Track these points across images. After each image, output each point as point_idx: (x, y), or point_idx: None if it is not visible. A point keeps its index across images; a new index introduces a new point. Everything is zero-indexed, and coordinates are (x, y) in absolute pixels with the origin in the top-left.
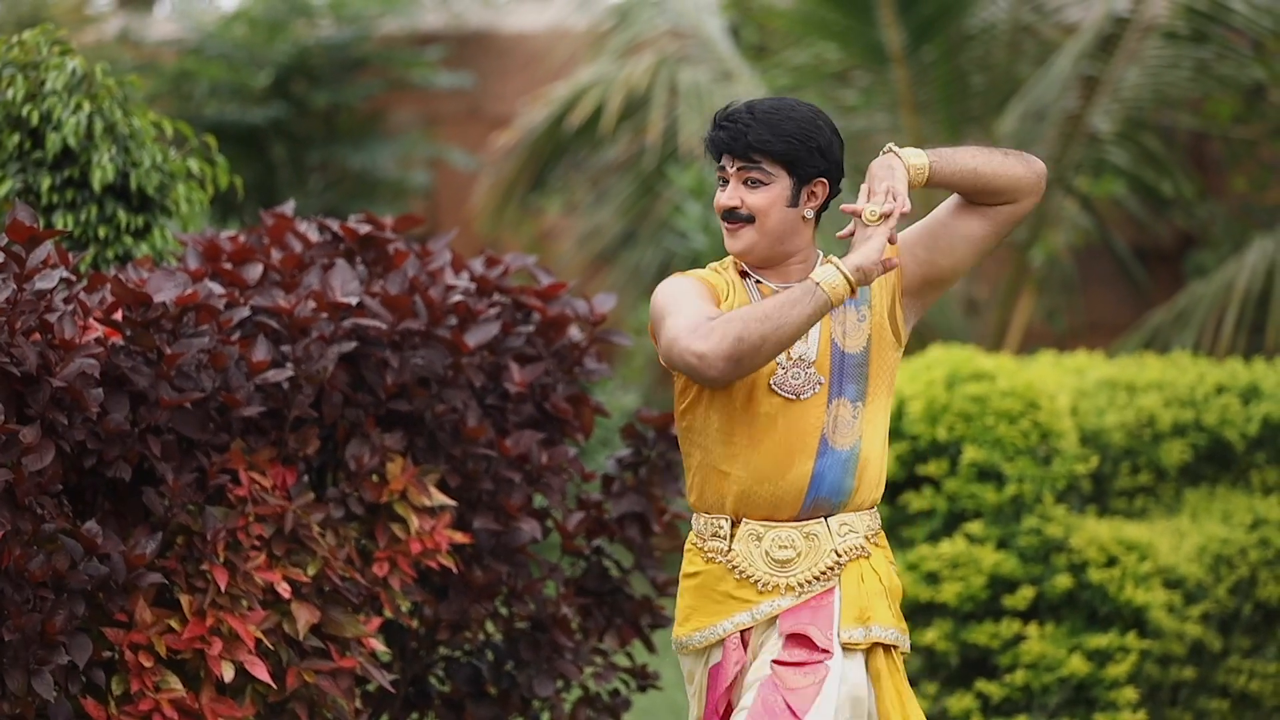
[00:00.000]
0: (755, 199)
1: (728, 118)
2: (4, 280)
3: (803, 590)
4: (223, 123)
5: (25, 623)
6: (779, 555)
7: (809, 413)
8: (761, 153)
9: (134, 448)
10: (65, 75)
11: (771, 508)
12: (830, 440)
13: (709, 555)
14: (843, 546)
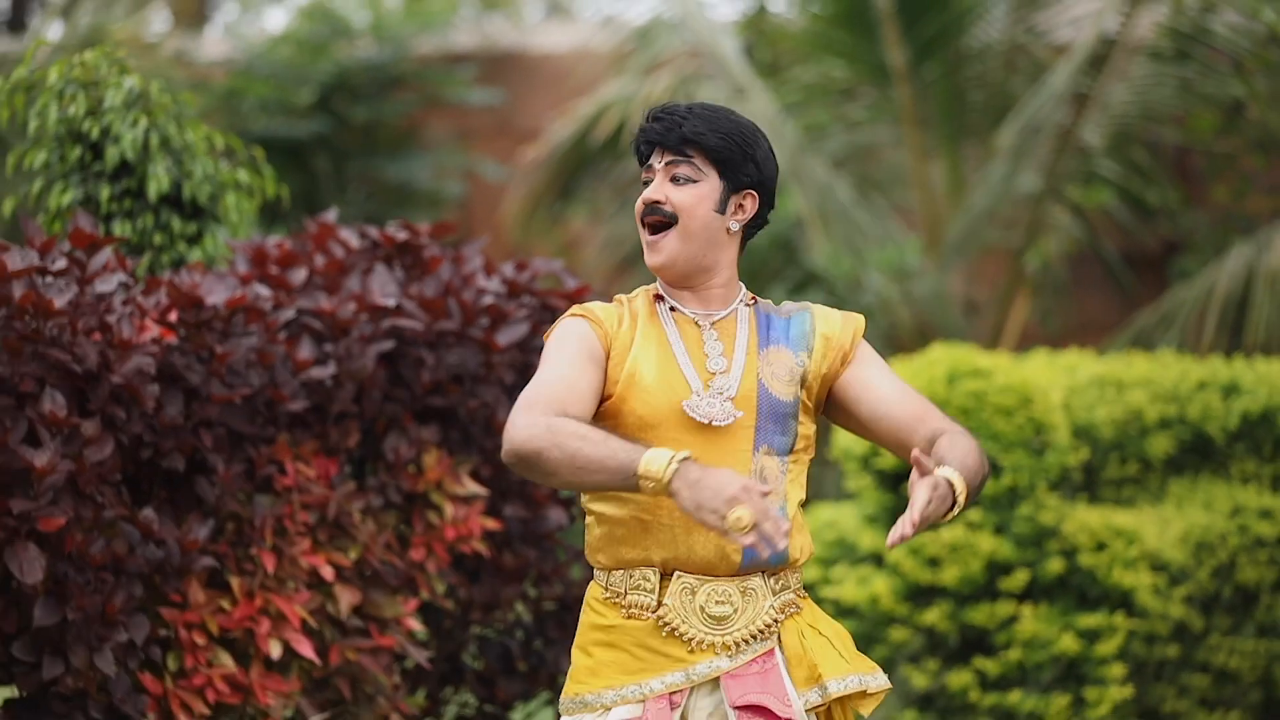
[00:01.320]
0: (681, 195)
1: (663, 111)
2: (67, 284)
3: (738, 649)
4: (270, 137)
5: (87, 603)
6: (715, 611)
7: (734, 454)
8: (695, 145)
9: (187, 440)
10: (123, 93)
11: (706, 563)
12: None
13: (630, 611)
14: (779, 603)
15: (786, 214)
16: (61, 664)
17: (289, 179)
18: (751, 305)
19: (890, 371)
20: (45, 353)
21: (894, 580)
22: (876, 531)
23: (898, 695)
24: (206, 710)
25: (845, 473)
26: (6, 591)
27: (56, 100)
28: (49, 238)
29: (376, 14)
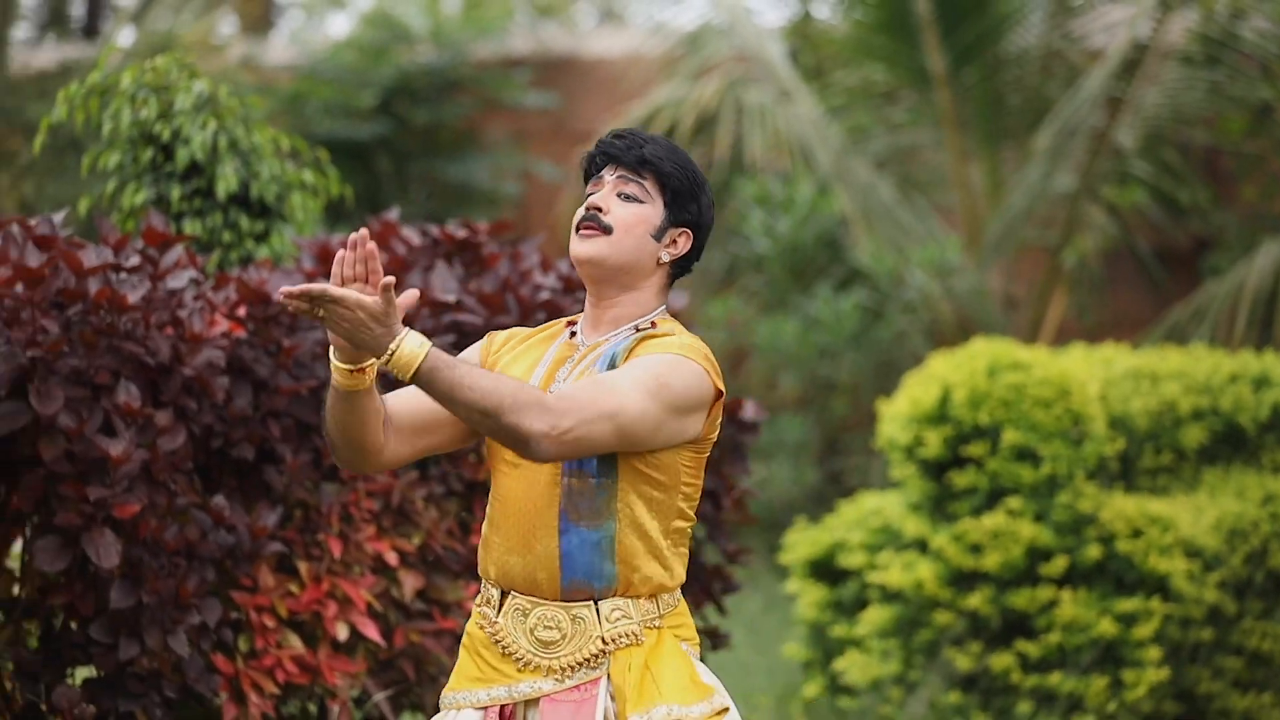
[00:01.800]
0: (623, 212)
1: (623, 132)
2: (140, 280)
3: (564, 675)
4: (333, 138)
5: (162, 587)
6: (543, 635)
7: (538, 481)
8: (651, 168)
9: (256, 430)
10: (193, 96)
11: (530, 584)
12: (570, 516)
13: (480, 620)
14: (611, 634)
15: (831, 213)
16: (137, 645)
17: (352, 179)
18: (642, 331)
19: (619, 370)
20: (120, 346)
21: (938, 566)
22: (920, 519)
23: (942, 677)
24: (276, 690)
25: (890, 462)
26: (84, 575)
27: (129, 104)
28: (123, 236)
29: (436, 20)
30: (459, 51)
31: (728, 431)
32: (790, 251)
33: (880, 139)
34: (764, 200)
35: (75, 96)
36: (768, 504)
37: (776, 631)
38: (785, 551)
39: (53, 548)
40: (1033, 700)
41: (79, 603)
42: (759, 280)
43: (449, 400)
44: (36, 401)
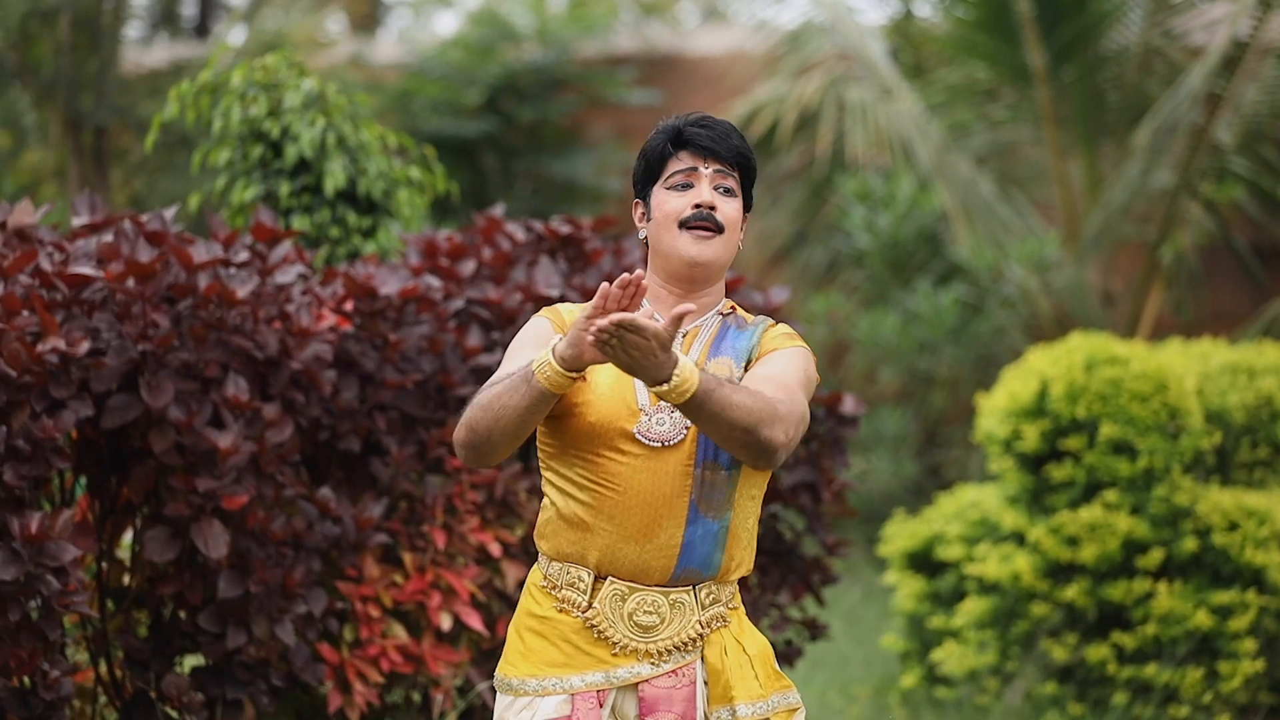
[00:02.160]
0: (729, 209)
1: (703, 120)
2: (249, 275)
3: (661, 659)
4: (440, 135)
5: (269, 577)
6: (643, 620)
7: (675, 472)
8: (741, 160)
9: (363, 423)
10: (302, 94)
11: (639, 571)
12: (700, 507)
13: (561, 605)
14: (706, 617)
15: (932, 209)
16: (244, 634)
17: (458, 176)
18: (726, 315)
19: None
20: (229, 340)
21: (1035, 558)
22: (1018, 512)
23: (1038, 668)
24: (380, 679)
25: (988, 455)
26: (193, 565)
27: (239, 101)
28: (232, 231)
29: (542, 19)
30: (564, 50)
31: (828, 425)
32: (891, 247)
33: (980, 135)
34: (865, 196)
35: (187, 95)
36: (867, 496)
37: (875, 622)
38: (884, 543)
39: (162, 538)
40: (1128, 691)
41: (188, 592)
42: (860, 275)
43: (715, 418)
44: (147, 394)
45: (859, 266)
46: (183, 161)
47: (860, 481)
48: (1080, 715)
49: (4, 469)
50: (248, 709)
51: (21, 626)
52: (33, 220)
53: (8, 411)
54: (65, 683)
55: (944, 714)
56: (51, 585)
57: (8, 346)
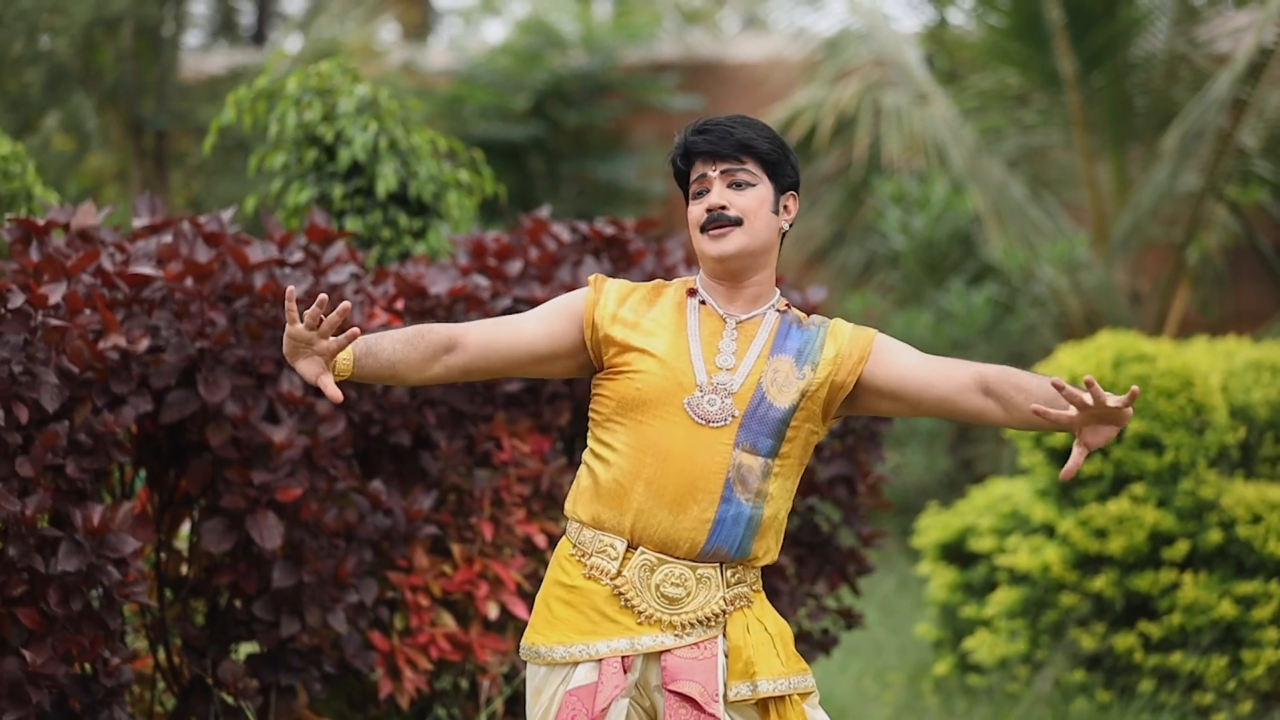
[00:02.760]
0: (744, 200)
1: (707, 122)
2: (303, 274)
3: (685, 632)
4: (488, 140)
5: (321, 567)
6: (669, 591)
7: (714, 448)
8: (748, 151)
9: (413, 418)
10: (355, 100)
11: (669, 543)
12: (734, 487)
13: (590, 572)
14: (730, 595)
15: (965, 211)
16: (298, 622)
17: (506, 179)
18: (782, 312)
19: (915, 351)
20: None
21: (1064, 549)
22: (1047, 504)
23: (1067, 656)
24: (429, 666)
25: (1019, 450)
26: (248, 556)
27: (294, 107)
28: (287, 232)
29: (587, 27)
30: (609, 56)
31: (863, 420)
32: (925, 248)
33: (1012, 140)
34: (900, 199)
35: (244, 100)
36: (901, 489)
37: (909, 612)
38: (917, 535)
39: (219, 529)
40: (1154, 679)
41: (243, 582)
42: (895, 275)
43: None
44: (204, 390)
45: (894, 266)
46: (240, 165)
47: (895, 475)
48: (1108, 702)
49: (67, 462)
50: (301, 695)
51: (83, 615)
52: (95, 221)
53: (70, 407)
54: (125, 669)
55: (975, 701)
56: (112, 575)
57: (71, 344)
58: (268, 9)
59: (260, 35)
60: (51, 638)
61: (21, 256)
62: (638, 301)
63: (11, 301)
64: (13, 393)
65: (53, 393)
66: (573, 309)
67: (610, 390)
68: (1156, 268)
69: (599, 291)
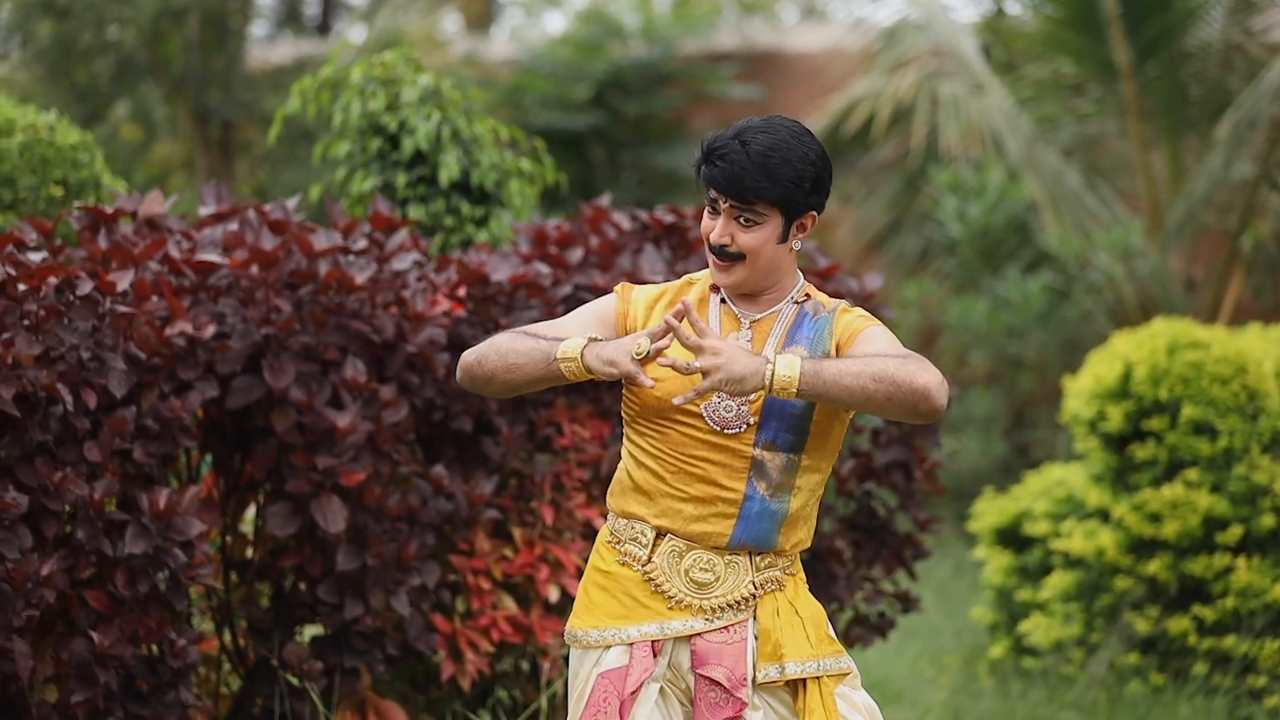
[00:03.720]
0: (747, 239)
1: (721, 155)
2: (367, 262)
3: (714, 616)
4: (549, 129)
5: (385, 551)
6: (699, 577)
7: (735, 452)
8: (757, 197)
9: (474, 404)
10: (418, 90)
11: (696, 535)
12: (757, 485)
13: (624, 559)
14: (760, 579)
15: (1020, 199)
16: (361, 605)
17: (567, 167)
18: (800, 303)
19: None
20: (347, 324)
21: (1119, 534)
22: (1102, 489)
23: (1121, 639)
24: (491, 648)
25: (1074, 436)
26: (313, 539)
27: (358, 97)
28: (351, 220)
29: (647, 17)
30: (668, 47)
31: None
32: (981, 235)
33: (1067, 128)
34: (956, 187)
35: (309, 90)
36: (957, 475)
37: (965, 596)
38: (973, 520)
39: (284, 513)
40: (1208, 662)
41: (308, 565)
42: (951, 263)
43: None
44: (270, 376)
45: (950, 254)
46: (304, 154)
47: (951, 460)
48: (1161, 685)
49: (134, 447)
50: (364, 676)
51: (150, 597)
52: (162, 210)
53: (137, 392)
54: (191, 651)
55: (1030, 683)
56: (178, 558)
57: (138, 330)
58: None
59: (325, 26)
60: (119, 619)
61: (90, 244)
62: (663, 309)
63: (80, 288)
64: (81, 378)
65: (120, 378)
66: (605, 317)
67: (635, 394)
68: (1210, 255)
69: (627, 302)
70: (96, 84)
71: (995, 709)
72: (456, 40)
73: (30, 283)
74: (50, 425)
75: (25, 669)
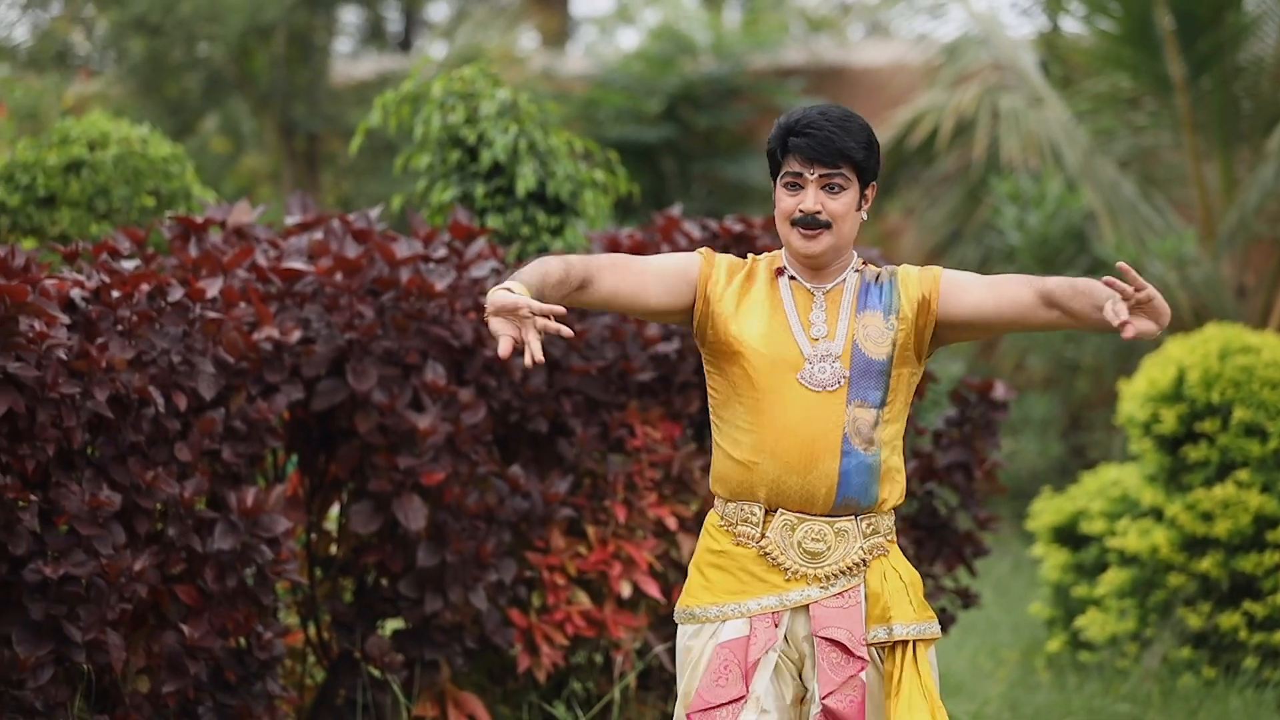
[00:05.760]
0: (836, 205)
1: (809, 124)
2: (447, 269)
3: (829, 583)
4: (623, 141)
5: (463, 548)
6: (811, 547)
7: (830, 410)
8: (846, 159)
9: (550, 406)
10: (496, 103)
11: (804, 501)
12: (852, 441)
13: (739, 539)
14: (868, 545)
15: (1078, 208)
16: (441, 600)
17: (640, 178)
18: (860, 271)
19: (979, 280)
20: (428, 329)
21: (1172, 532)
22: (1156, 489)
23: (1174, 634)
24: (565, 641)
25: (1129, 437)
26: (394, 537)
27: (439, 110)
28: (431, 230)
29: (717, 34)
30: (738, 62)
31: (980, 409)
32: (1040, 244)
33: (1123, 141)
34: (1016, 197)
35: (390, 104)
36: (1016, 475)
37: (1023, 592)
38: (1031, 519)
39: (366, 511)
40: (1258, 656)
41: (389, 561)
42: (1011, 270)
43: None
44: (353, 379)
45: (1010, 261)
46: (386, 165)
47: (1010, 461)
48: (1213, 678)
49: (223, 448)
50: (443, 669)
51: (238, 592)
52: (250, 219)
53: (226, 395)
54: (277, 644)
55: (1086, 677)
56: (265, 554)
57: (227, 335)
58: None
59: (407, 42)
60: (208, 613)
61: (181, 252)
62: (742, 280)
63: (171, 295)
64: (172, 381)
65: (210, 381)
66: (690, 275)
67: (723, 371)
68: (1262, 263)
69: (711, 265)
70: (187, 98)
71: (1052, 701)
72: (533, 56)
73: (124, 289)
74: (142, 426)
75: (119, 660)
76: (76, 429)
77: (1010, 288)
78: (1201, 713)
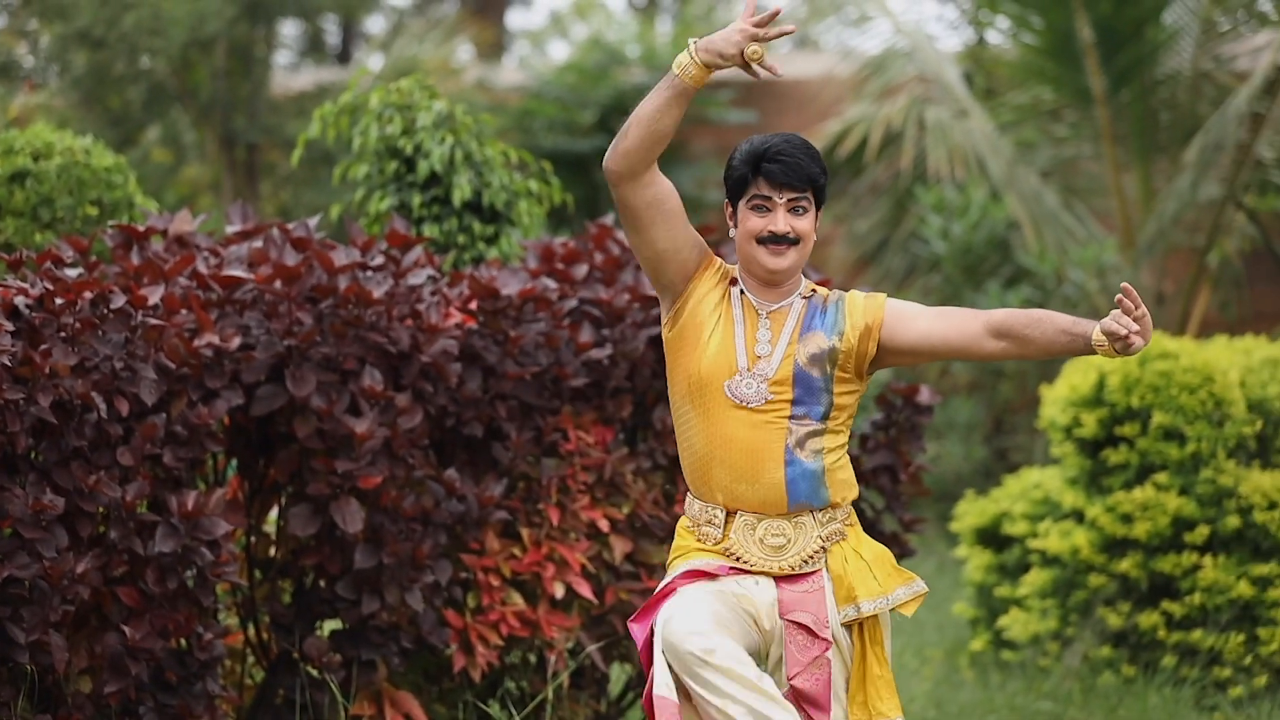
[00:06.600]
0: (802, 224)
1: (779, 152)
2: (384, 277)
3: (792, 571)
4: (556, 151)
5: (400, 550)
6: (772, 542)
7: (770, 424)
8: (812, 184)
9: (485, 411)
10: (433, 114)
11: (760, 504)
12: (795, 451)
13: (701, 537)
14: (825, 533)
15: (1001, 217)
16: (378, 601)
17: (573, 188)
18: (808, 297)
19: (925, 310)
20: (365, 336)
21: (1092, 534)
22: (1077, 492)
23: (1095, 633)
24: (500, 641)
25: (1051, 441)
26: (332, 539)
27: (376, 121)
28: (369, 238)
29: (647, 46)
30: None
31: (905, 413)
32: (964, 252)
33: (1045, 151)
34: (941, 207)
35: (329, 115)
36: (940, 478)
37: (947, 592)
38: (955, 521)
39: (305, 514)
40: (1176, 655)
41: (327, 563)
42: (936, 278)
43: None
44: (292, 385)
45: (935, 270)
46: (325, 175)
47: (934, 464)
48: (1132, 676)
49: (164, 452)
50: (380, 669)
51: (179, 594)
52: (191, 228)
53: (167, 400)
54: (217, 644)
55: (1009, 675)
56: (205, 557)
57: (168, 342)
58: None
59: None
60: (149, 614)
61: (123, 260)
62: (716, 281)
63: (114, 302)
64: (114, 387)
65: (151, 387)
66: (696, 254)
67: (681, 364)
68: (1180, 271)
69: (710, 265)
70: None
71: (976, 699)
72: (469, 68)
73: (67, 297)
74: (85, 431)
75: (61, 661)
76: (20, 434)
77: (956, 318)
78: (1121, 710)
